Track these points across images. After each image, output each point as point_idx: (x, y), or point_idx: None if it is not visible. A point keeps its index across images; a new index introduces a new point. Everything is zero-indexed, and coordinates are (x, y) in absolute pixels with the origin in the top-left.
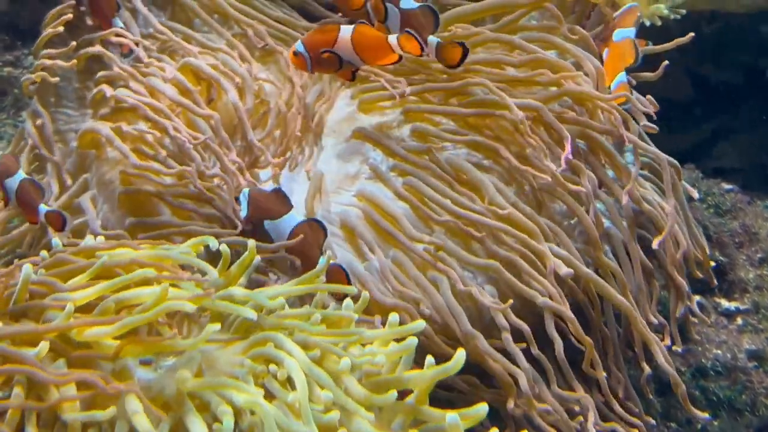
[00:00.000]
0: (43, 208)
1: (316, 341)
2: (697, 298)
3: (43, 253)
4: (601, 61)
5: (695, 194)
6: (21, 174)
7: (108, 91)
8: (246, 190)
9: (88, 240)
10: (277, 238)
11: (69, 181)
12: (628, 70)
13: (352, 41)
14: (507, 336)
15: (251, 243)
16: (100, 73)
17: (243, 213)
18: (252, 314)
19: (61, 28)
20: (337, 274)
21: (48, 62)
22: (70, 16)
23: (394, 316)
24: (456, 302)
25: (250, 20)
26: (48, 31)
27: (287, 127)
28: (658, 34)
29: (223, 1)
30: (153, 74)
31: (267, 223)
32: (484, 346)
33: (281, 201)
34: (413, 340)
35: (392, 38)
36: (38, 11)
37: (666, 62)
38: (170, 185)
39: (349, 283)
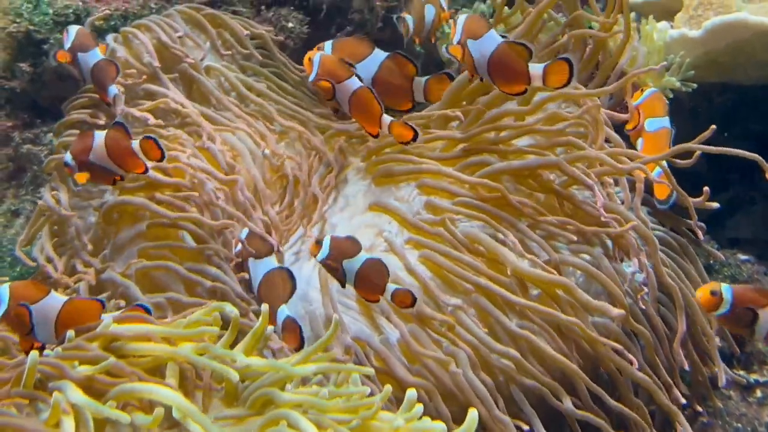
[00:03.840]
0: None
1: (331, 422)
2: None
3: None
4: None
5: (720, 256)
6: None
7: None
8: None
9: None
10: (254, 276)
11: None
12: None
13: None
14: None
15: (264, 308)
16: None
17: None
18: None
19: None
20: (291, 327)
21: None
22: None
23: (411, 393)
24: (478, 381)
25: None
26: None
27: (299, 201)
28: (670, 106)
29: (239, 83)
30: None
31: (250, 261)
32: None
33: (265, 244)
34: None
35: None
36: (57, 89)
37: (697, 152)
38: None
39: (302, 337)
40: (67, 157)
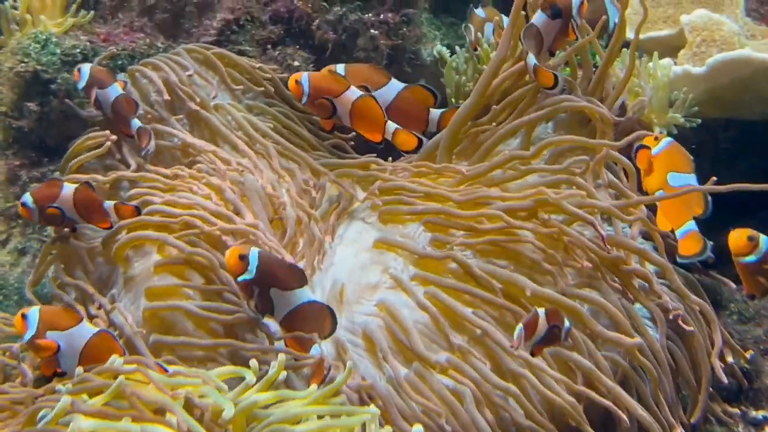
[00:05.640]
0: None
1: None
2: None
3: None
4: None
5: (731, 284)
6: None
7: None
8: (255, 250)
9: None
10: (282, 308)
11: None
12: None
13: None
14: None
15: (281, 357)
16: (133, 191)
17: (249, 276)
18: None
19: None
20: (319, 369)
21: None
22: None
23: (417, 429)
24: (483, 421)
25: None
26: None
27: (304, 240)
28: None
29: (246, 123)
30: (187, 190)
31: (273, 291)
32: None
33: (295, 274)
34: None
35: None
36: (64, 129)
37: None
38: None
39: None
40: (27, 198)
